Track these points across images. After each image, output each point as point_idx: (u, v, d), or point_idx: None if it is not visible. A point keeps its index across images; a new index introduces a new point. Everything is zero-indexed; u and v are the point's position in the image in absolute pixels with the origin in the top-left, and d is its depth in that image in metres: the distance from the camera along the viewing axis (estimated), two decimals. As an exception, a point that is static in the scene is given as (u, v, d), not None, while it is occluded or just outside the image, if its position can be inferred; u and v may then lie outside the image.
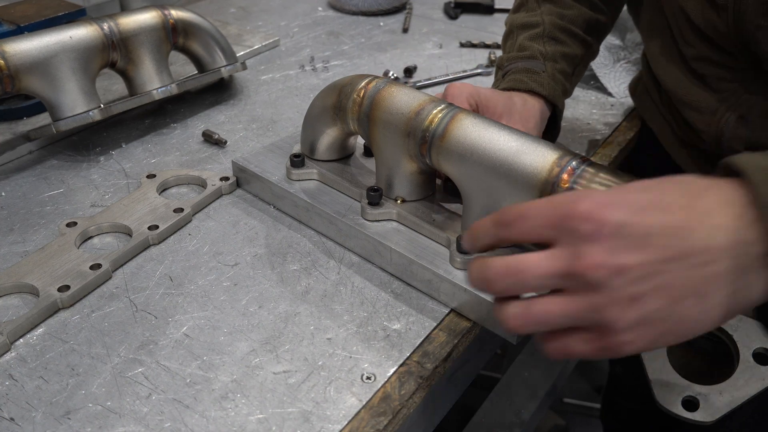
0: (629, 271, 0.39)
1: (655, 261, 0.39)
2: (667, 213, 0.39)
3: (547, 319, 0.41)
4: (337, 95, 0.66)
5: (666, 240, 0.39)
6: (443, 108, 0.60)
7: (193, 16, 0.89)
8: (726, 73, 0.69)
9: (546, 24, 0.77)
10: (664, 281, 0.39)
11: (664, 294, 0.39)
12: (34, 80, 0.76)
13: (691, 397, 0.53)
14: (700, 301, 0.39)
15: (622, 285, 0.39)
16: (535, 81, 0.73)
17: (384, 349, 0.55)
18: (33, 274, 0.61)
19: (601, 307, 0.40)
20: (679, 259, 0.39)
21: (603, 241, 0.39)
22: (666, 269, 0.39)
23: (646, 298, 0.39)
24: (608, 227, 0.39)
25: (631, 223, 0.39)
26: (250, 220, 0.71)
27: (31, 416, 0.50)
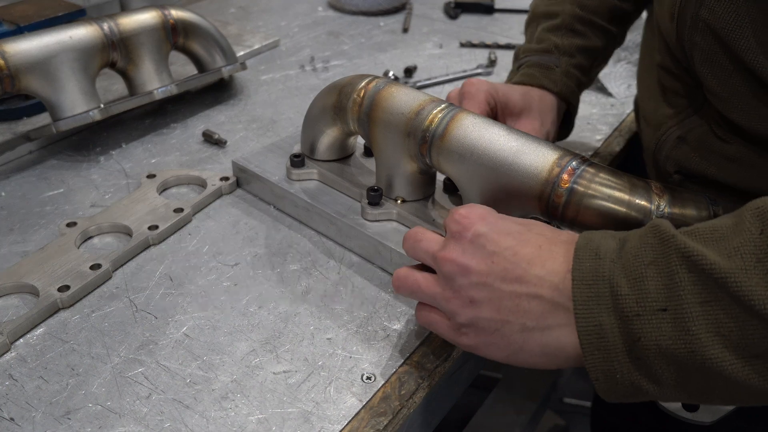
0: (471, 275, 0.45)
1: (495, 276, 0.45)
2: (521, 244, 0.46)
3: (414, 287, 0.50)
4: (337, 95, 0.66)
5: (510, 263, 0.45)
6: (443, 108, 0.60)
7: (193, 16, 0.89)
8: (681, 88, 0.66)
9: (566, 14, 0.75)
10: (496, 296, 0.45)
11: (495, 307, 0.45)
12: (34, 80, 0.76)
13: (691, 397, 0.53)
14: (521, 328, 0.44)
15: (464, 285, 0.46)
16: (547, 77, 0.72)
17: (384, 349, 0.55)
18: (33, 274, 0.61)
19: (448, 298, 0.47)
20: (514, 282, 0.44)
21: (462, 242, 0.47)
22: (501, 287, 0.45)
23: (481, 305, 0.45)
24: (470, 233, 0.47)
25: (489, 238, 0.46)
26: (250, 220, 0.71)
27: (31, 416, 0.50)
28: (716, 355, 0.38)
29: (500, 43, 1.12)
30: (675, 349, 0.39)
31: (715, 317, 0.37)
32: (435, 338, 0.57)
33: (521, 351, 0.45)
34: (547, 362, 0.45)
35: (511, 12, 1.28)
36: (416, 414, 0.53)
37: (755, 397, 0.40)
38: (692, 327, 0.38)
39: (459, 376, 0.59)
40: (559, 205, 0.53)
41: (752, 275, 0.37)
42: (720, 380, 0.39)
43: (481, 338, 0.47)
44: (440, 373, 0.55)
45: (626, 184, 0.53)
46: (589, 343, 0.41)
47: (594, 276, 0.42)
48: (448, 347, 0.56)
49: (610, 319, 0.40)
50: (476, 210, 0.48)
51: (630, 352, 0.40)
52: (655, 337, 0.39)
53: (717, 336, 0.37)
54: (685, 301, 0.38)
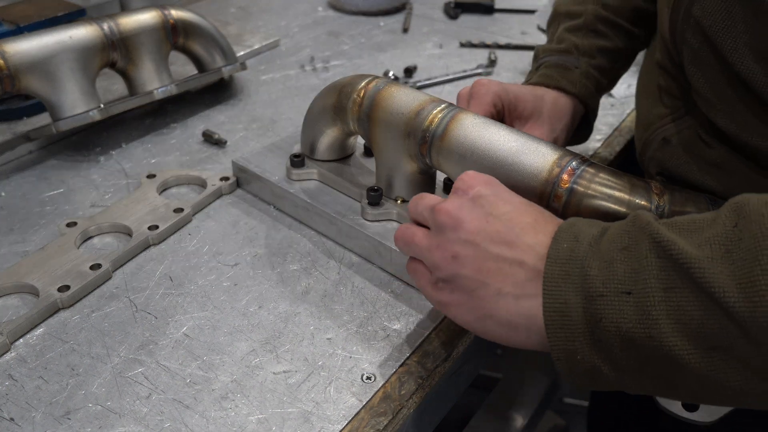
0: (462, 230, 0.46)
1: (485, 236, 0.45)
2: (519, 213, 0.47)
3: (408, 239, 0.51)
4: (337, 95, 0.66)
5: (504, 226, 0.46)
6: (443, 108, 0.60)
7: (193, 16, 0.89)
8: (675, 88, 0.65)
9: (588, 14, 0.73)
10: (481, 255, 0.45)
11: (477, 267, 0.45)
12: (34, 80, 0.76)
13: (691, 397, 0.53)
14: (496, 292, 0.45)
15: (452, 239, 0.46)
16: (566, 78, 0.70)
17: (384, 349, 0.55)
18: (33, 274, 0.61)
19: (434, 248, 0.48)
20: (502, 245, 0.45)
21: (463, 198, 0.48)
22: (488, 248, 0.45)
23: (464, 262, 0.46)
24: (473, 192, 0.48)
25: (490, 201, 0.47)
26: (250, 220, 0.71)
27: (31, 416, 0.50)
28: (674, 343, 0.37)
29: (500, 43, 1.12)
30: (635, 332, 0.38)
31: (677, 304, 0.37)
32: (435, 338, 0.57)
33: (489, 318, 0.46)
34: (509, 335, 0.46)
35: (511, 12, 1.28)
36: (416, 414, 0.53)
37: (714, 392, 0.39)
38: (653, 312, 0.38)
39: (459, 376, 0.59)
40: (559, 206, 0.53)
41: (718, 265, 0.36)
42: (677, 369, 0.38)
43: (455, 296, 0.47)
44: (440, 373, 0.55)
45: (626, 184, 0.53)
46: (553, 321, 0.41)
47: (569, 257, 0.42)
48: (448, 347, 0.56)
49: (575, 298, 0.41)
50: (483, 176, 0.50)
51: (592, 333, 0.40)
52: (616, 319, 0.39)
53: (677, 323, 0.37)
54: (649, 286, 0.38)
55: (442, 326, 0.58)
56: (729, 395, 0.39)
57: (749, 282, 0.35)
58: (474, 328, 0.47)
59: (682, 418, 0.54)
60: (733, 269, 0.36)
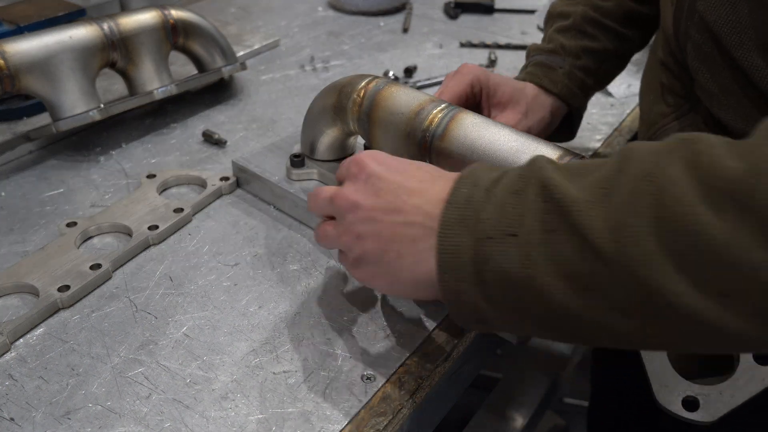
0: (359, 210, 0.48)
1: (379, 209, 0.48)
2: (407, 179, 0.48)
3: (323, 235, 0.53)
4: (337, 95, 0.66)
5: (393, 196, 0.48)
6: (443, 108, 0.60)
7: (193, 16, 0.89)
8: (678, 86, 0.65)
9: (577, 16, 0.75)
10: (378, 228, 0.48)
11: (377, 239, 0.48)
12: (34, 80, 0.76)
13: (691, 397, 0.53)
14: (397, 255, 0.47)
15: (353, 221, 0.49)
16: (548, 77, 0.72)
17: (384, 349, 0.55)
18: (33, 274, 0.61)
19: (341, 234, 0.50)
20: (394, 213, 0.47)
21: (357, 182, 0.50)
22: (383, 219, 0.47)
23: (367, 239, 0.48)
24: (365, 173, 0.49)
25: (381, 177, 0.49)
26: (250, 220, 0.71)
27: (31, 416, 0.50)
28: (549, 282, 0.39)
29: (500, 43, 1.12)
30: (515, 273, 0.40)
31: (555, 246, 0.38)
32: (435, 338, 0.57)
33: (398, 281, 0.48)
34: (417, 291, 0.48)
35: (511, 12, 1.28)
36: (416, 414, 0.53)
37: (587, 333, 0.40)
38: (533, 253, 0.39)
39: (459, 376, 0.59)
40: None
41: (595, 208, 0.37)
42: (553, 310, 0.39)
43: (369, 270, 0.50)
44: (440, 373, 0.55)
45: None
46: (444, 262, 0.43)
47: (466, 201, 0.43)
48: (448, 347, 0.56)
49: (468, 240, 0.42)
50: (372, 152, 0.52)
51: (478, 274, 0.41)
52: (500, 261, 0.40)
53: (553, 264, 0.38)
54: (532, 228, 0.39)
55: (442, 326, 0.58)
56: (598, 335, 0.40)
57: (619, 224, 0.36)
58: (393, 293, 0.51)
59: (682, 418, 0.54)
60: (607, 212, 0.37)
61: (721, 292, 0.34)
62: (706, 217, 0.34)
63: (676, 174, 0.35)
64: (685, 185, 0.35)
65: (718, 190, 0.34)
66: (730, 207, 0.33)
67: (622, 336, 0.39)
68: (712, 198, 0.34)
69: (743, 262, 0.33)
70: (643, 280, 0.35)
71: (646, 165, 0.37)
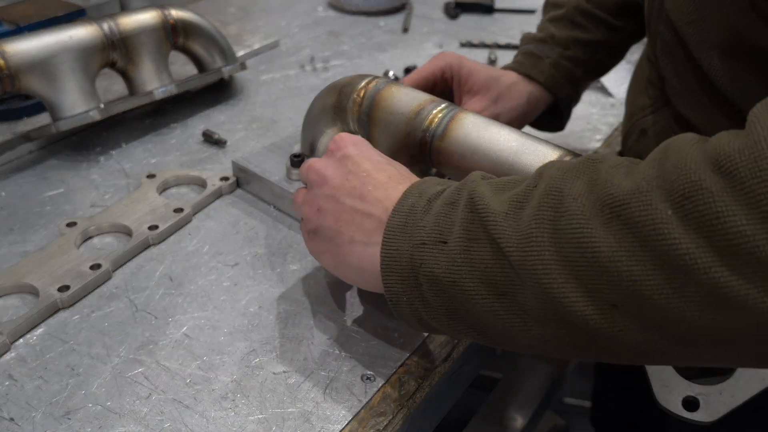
0: (326, 186, 0.51)
1: (344, 191, 0.50)
2: (377, 170, 0.51)
3: (294, 198, 0.57)
4: (337, 95, 0.66)
5: (360, 182, 0.50)
6: (443, 108, 0.60)
7: (193, 16, 0.89)
8: (657, 80, 0.66)
9: (570, 6, 0.75)
10: (339, 208, 0.50)
11: (335, 218, 0.50)
12: (34, 80, 0.76)
13: (691, 397, 0.53)
14: (349, 240, 0.49)
15: (318, 195, 0.52)
16: (535, 66, 0.72)
17: (384, 349, 0.55)
18: (33, 274, 0.61)
19: (306, 203, 0.53)
20: (356, 198, 0.50)
21: (332, 158, 0.53)
22: (345, 201, 0.50)
23: (326, 215, 0.51)
24: (340, 153, 0.53)
25: (354, 160, 0.52)
26: (250, 220, 0.71)
27: (31, 416, 0.50)
28: (471, 288, 0.41)
29: (500, 43, 1.12)
30: (444, 278, 0.42)
31: (476, 253, 0.41)
32: (435, 338, 0.57)
33: (345, 263, 0.51)
34: (362, 279, 0.50)
35: (511, 12, 1.28)
36: (416, 414, 0.53)
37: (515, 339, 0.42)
38: (458, 260, 0.42)
39: (459, 376, 0.59)
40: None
41: (509, 219, 0.40)
42: (476, 313, 0.42)
43: (321, 245, 0.52)
44: (440, 373, 0.55)
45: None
46: (386, 265, 0.46)
47: (409, 210, 0.46)
48: (449, 347, 0.56)
49: (406, 245, 0.45)
50: (354, 137, 0.55)
51: (414, 278, 0.44)
52: (431, 266, 0.43)
53: (474, 270, 0.41)
54: (458, 236, 0.42)
55: (442, 326, 0.58)
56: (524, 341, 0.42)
57: (526, 235, 0.38)
58: (336, 273, 0.52)
59: (682, 418, 0.54)
60: (518, 223, 0.39)
61: (610, 302, 0.36)
62: (596, 231, 0.36)
63: (578, 190, 0.37)
64: (583, 201, 0.37)
65: (608, 206, 0.36)
66: (615, 223, 0.35)
67: (542, 343, 0.41)
68: (603, 214, 0.36)
69: (624, 275, 0.34)
70: (545, 289, 0.37)
71: (555, 181, 0.39)
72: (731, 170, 0.32)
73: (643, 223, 0.34)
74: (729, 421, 0.54)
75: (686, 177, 0.33)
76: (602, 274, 0.35)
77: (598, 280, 0.35)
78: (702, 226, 0.32)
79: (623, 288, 0.35)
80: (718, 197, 0.32)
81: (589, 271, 0.36)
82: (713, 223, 0.32)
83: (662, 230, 0.33)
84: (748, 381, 0.52)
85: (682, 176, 0.33)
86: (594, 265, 0.36)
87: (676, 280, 0.33)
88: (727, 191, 0.31)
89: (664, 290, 0.33)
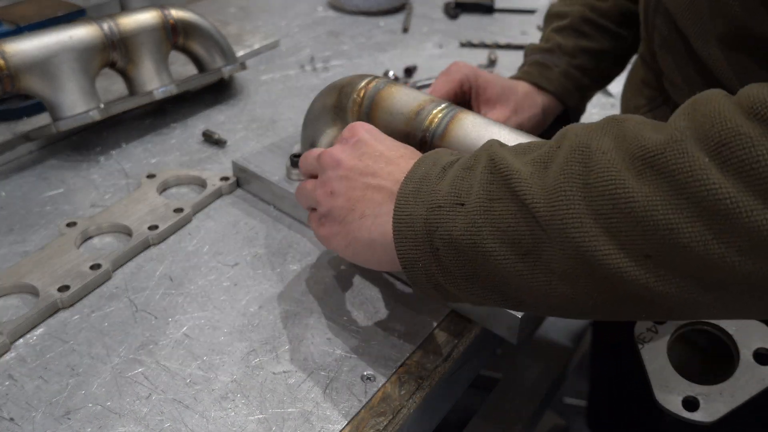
0: (340, 168, 0.51)
1: (357, 170, 0.51)
2: (389, 150, 0.52)
3: (302, 189, 0.56)
4: (337, 95, 0.66)
5: (372, 160, 0.51)
6: (443, 108, 0.60)
7: (193, 16, 0.89)
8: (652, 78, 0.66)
9: (574, 15, 0.76)
10: (351, 186, 0.50)
11: (347, 197, 0.50)
12: (34, 80, 0.76)
13: (691, 397, 0.53)
14: (360, 215, 0.49)
15: (332, 177, 0.52)
16: (543, 76, 0.73)
17: (384, 349, 0.55)
18: (33, 274, 0.61)
19: (318, 187, 0.53)
20: (368, 175, 0.50)
21: (346, 145, 0.53)
22: (357, 179, 0.50)
23: (338, 196, 0.51)
24: (354, 138, 0.53)
25: (367, 143, 0.52)
26: (250, 220, 0.71)
27: (31, 416, 0.50)
28: (494, 248, 0.41)
29: (500, 43, 1.12)
30: (463, 240, 0.42)
31: (498, 213, 0.41)
32: (435, 338, 0.57)
33: (356, 240, 0.50)
34: (372, 255, 0.50)
35: (511, 12, 1.28)
36: (416, 414, 0.53)
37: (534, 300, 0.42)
38: (478, 220, 0.41)
39: (459, 376, 0.59)
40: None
41: (534, 178, 0.40)
42: (498, 275, 0.41)
43: (333, 228, 0.52)
44: (440, 373, 0.55)
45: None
46: (399, 231, 0.45)
47: (423, 177, 0.46)
48: (449, 347, 0.56)
49: (420, 210, 0.44)
50: (366, 125, 0.55)
51: (431, 242, 0.44)
52: (448, 228, 0.43)
53: (496, 231, 0.41)
54: (478, 198, 0.42)
55: (442, 326, 0.58)
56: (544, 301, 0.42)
57: (554, 189, 0.38)
58: (346, 255, 0.52)
59: (682, 418, 0.54)
60: (544, 180, 0.39)
61: (644, 253, 0.36)
62: (628, 182, 0.36)
63: (606, 145, 0.38)
64: (612, 155, 0.37)
65: (640, 159, 0.36)
66: (650, 173, 0.35)
67: (567, 303, 0.41)
68: (635, 166, 0.36)
69: (661, 224, 0.35)
70: (574, 242, 0.37)
71: (580, 138, 0.39)
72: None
73: (679, 171, 0.34)
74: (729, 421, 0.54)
75: (722, 125, 0.34)
76: (637, 225, 0.35)
77: (633, 231, 0.36)
78: (741, 171, 0.33)
79: (659, 237, 0.35)
80: (758, 142, 0.32)
81: (622, 222, 0.36)
82: (754, 168, 0.32)
83: (700, 176, 0.34)
84: (748, 381, 0.52)
85: (717, 124, 0.34)
86: (628, 217, 0.36)
87: (715, 226, 0.33)
88: (766, 136, 0.32)
89: (703, 237, 0.34)
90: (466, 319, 0.59)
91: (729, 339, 0.54)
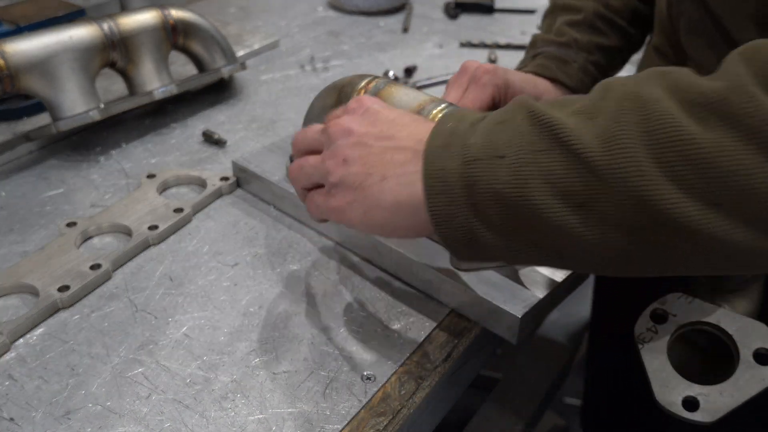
0: (351, 136, 0.48)
1: (371, 135, 0.48)
2: (402, 116, 0.49)
3: (302, 164, 0.52)
4: (337, 95, 0.66)
5: (387, 125, 0.48)
6: (443, 108, 0.60)
7: (193, 16, 0.89)
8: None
9: (588, 11, 0.75)
10: (366, 152, 0.47)
11: (363, 162, 0.47)
12: (34, 80, 0.76)
13: (691, 397, 0.53)
14: (381, 178, 0.46)
15: (342, 145, 0.48)
16: (563, 71, 0.72)
17: (384, 349, 0.55)
18: (33, 274, 0.61)
19: (326, 158, 0.49)
20: (385, 139, 0.47)
21: (355, 115, 0.50)
22: (373, 144, 0.47)
23: (353, 163, 0.47)
24: (363, 108, 0.50)
25: (377, 111, 0.50)
26: (250, 220, 0.71)
27: (31, 416, 0.50)
28: (542, 201, 0.39)
29: (500, 43, 1.12)
30: (507, 193, 0.40)
31: (546, 165, 0.39)
32: (435, 338, 0.57)
33: (377, 206, 0.46)
34: (395, 218, 0.46)
35: (511, 12, 1.28)
36: (416, 414, 0.53)
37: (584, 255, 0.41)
38: (523, 172, 0.40)
39: (459, 376, 0.59)
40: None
41: (583, 127, 0.38)
42: (546, 228, 0.40)
43: (346, 197, 0.48)
44: (440, 373, 0.55)
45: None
46: (431, 186, 0.43)
47: (451, 131, 0.44)
48: (449, 347, 0.56)
49: (453, 164, 0.42)
50: (373, 97, 0.53)
51: (469, 196, 0.42)
52: (490, 181, 0.41)
53: (545, 183, 0.39)
54: (521, 149, 0.40)
55: (442, 326, 0.58)
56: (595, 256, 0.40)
57: (609, 136, 0.37)
58: (365, 224, 0.48)
59: (682, 418, 0.54)
60: (596, 130, 0.38)
61: (713, 201, 0.35)
62: (692, 129, 0.35)
63: (658, 94, 0.37)
64: (667, 102, 0.36)
65: (700, 105, 0.35)
66: (714, 119, 0.35)
67: (620, 257, 0.39)
68: (695, 113, 0.35)
69: (733, 169, 0.34)
70: (636, 191, 0.36)
71: (628, 88, 0.38)
72: None
73: (748, 115, 0.34)
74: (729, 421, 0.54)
75: None
76: (705, 173, 0.35)
77: (700, 179, 0.35)
78: None
79: (729, 184, 0.34)
80: None
81: (688, 170, 0.35)
82: None
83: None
84: (749, 381, 0.52)
85: None
86: (695, 164, 0.35)
87: None
88: None
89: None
90: (466, 319, 0.59)
91: (729, 339, 0.54)
